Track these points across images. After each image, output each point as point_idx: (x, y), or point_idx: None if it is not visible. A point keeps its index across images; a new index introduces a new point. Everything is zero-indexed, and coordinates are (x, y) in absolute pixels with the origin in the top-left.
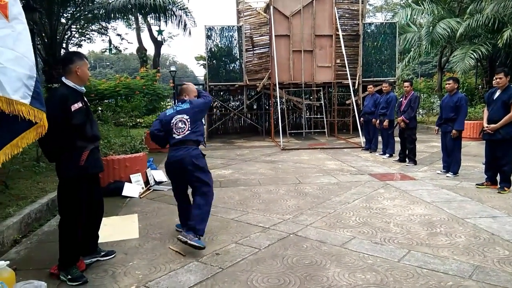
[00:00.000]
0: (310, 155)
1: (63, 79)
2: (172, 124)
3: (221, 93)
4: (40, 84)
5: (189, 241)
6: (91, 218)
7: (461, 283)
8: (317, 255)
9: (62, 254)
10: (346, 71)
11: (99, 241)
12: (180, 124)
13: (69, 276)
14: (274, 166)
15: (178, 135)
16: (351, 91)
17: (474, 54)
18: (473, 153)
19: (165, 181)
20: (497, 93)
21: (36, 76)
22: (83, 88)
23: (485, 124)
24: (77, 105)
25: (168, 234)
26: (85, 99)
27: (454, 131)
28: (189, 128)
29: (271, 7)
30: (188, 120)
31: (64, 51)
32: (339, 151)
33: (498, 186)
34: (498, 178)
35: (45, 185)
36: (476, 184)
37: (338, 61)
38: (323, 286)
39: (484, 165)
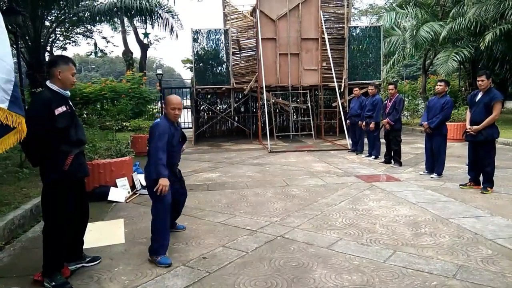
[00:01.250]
0: (297, 157)
1: (48, 82)
2: None
3: (208, 96)
4: (18, 88)
5: (156, 264)
6: (76, 224)
7: (445, 283)
8: (304, 257)
9: (46, 261)
10: (332, 74)
11: (84, 247)
12: None
13: (53, 283)
14: (261, 168)
15: None
16: (337, 93)
17: (457, 56)
18: (457, 154)
19: None
20: (479, 95)
21: (15, 80)
22: (68, 92)
23: (468, 126)
24: (61, 109)
25: None
26: (70, 103)
27: (425, 123)
28: None
29: (257, 11)
30: None
31: (49, 54)
32: (326, 153)
33: (481, 186)
34: (481, 178)
35: (29, 190)
36: (460, 185)
37: (324, 64)
38: None
39: (467, 166)
